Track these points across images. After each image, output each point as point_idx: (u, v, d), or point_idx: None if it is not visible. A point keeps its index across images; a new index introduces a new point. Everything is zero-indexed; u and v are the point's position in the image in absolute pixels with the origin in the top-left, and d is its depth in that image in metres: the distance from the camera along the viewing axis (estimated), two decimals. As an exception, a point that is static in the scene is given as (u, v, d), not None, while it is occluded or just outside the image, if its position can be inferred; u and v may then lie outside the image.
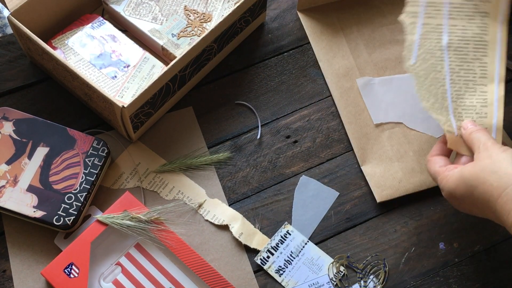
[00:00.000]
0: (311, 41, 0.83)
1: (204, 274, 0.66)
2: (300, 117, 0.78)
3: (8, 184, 0.68)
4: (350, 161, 0.76)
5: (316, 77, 0.81)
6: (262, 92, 0.80)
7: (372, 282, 0.69)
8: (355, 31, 0.84)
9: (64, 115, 0.76)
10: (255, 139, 0.77)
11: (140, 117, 0.71)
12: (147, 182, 0.73)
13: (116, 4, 0.79)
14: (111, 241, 0.68)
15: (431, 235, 0.72)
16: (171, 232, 0.68)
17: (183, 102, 0.78)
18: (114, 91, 0.74)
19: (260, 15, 0.82)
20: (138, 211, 0.68)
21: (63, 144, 0.71)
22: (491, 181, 0.57)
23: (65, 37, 0.77)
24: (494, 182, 0.57)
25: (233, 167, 0.75)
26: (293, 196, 0.73)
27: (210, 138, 0.76)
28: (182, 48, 0.77)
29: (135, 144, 0.75)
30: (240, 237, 0.70)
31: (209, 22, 0.79)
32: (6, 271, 0.67)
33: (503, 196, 0.56)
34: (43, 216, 0.66)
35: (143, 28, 0.78)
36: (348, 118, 0.77)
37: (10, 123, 0.71)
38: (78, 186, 0.68)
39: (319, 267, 0.69)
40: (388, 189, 0.73)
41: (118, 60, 0.76)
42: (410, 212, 0.73)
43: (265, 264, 0.69)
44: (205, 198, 0.72)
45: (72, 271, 0.64)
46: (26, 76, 0.78)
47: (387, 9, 0.86)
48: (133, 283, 0.66)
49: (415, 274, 0.70)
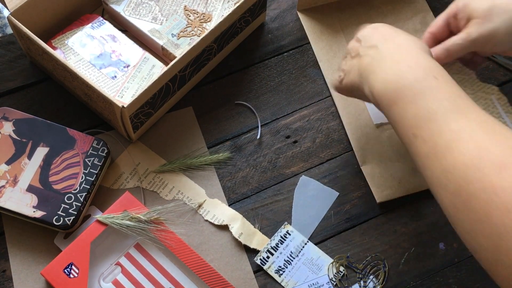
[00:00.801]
0: (311, 41, 0.83)
1: (204, 274, 0.66)
2: (300, 117, 0.78)
3: (8, 184, 0.68)
4: (350, 161, 0.76)
5: (316, 77, 0.81)
6: (262, 92, 0.80)
7: (372, 282, 0.69)
8: (355, 31, 0.83)
9: (64, 115, 0.76)
10: (255, 139, 0.77)
11: (140, 117, 0.71)
12: (147, 182, 0.73)
13: (116, 4, 0.79)
14: (111, 241, 0.68)
15: (431, 235, 0.71)
16: (171, 232, 0.68)
17: (183, 102, 0.78)
18: (114, 91, 0.74)
19: (260, 15, 0.82)
20: (138, 211, 0.68)
21: (63, 144, 0.71)
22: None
23: (65, 37, 0.77)
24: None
25: (233, 167, 0.75)
26: (293, 196, 0.73)
27: (210, 138, 0.76)
28: (182, 48, 0.77)
29: (135, 144, 0.75)
30: (240, 237, 0.70)
31: (209, 22, 0.79)
32: (6, 271, 0.67)
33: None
34: (43, 216, 0.66)
35: (143, 28, 0.78)
36: (348, 118, 0.77)
37: (10, 123, 0.71)
38: (78, 186, 0.68)
39: (319, 267, 0.69)
40: (388, 189, 0.73)
41: (118, 60, 0.76)
42: (410, 212, 0.73)
43: (265, 264, 0.69)
44: (205, 198, 0.72)
45: (72, 271, 0.64)
46: (26, 76, 0.78)
47: (387, 9, 0.86)
48: (133, 283, 0.66)
49: (415, 274, 0.70)
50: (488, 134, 0.49)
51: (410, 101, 0.54)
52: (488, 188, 0.46)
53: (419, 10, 0.85)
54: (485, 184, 0.47)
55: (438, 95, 0.53)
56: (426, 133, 0.52)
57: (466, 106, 0.52)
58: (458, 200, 0.48)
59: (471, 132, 0.50)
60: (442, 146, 0.51)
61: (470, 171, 0.48)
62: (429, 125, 0.52)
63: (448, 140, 0.51)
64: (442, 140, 0.51)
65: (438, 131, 0.52)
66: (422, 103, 0.53)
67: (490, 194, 0.46)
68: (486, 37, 0.63)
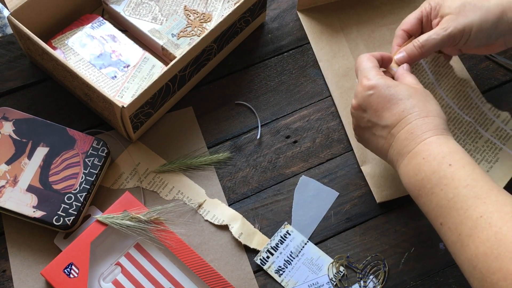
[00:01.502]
0: (311, 41, 0.83)
1: (204, 274, 0.66)
2: (300, 117, 0.78)
3: (8, 184, 0.68)
4: (350, 161, 0.76)
5: (316, 77, 0.81)
6: (262, 92, 0.80)
7: (372, 282, 0.69)
8: (355, 31, 0.84)
9: (64, 115, 0.76)
10: (255, 139, 0.77)
11: (140, 117, 0.71)
12: (147, 182, 0.73)
13: (116, 4, 0.79)
14: (111, 241, 0.68)
15: (431, 235, 0.71)
16: (170, 232, 0.68)
17: (183, 102, 0.78)
18: (114, 91, 0.74)
19: (260, 15, 0.82)
20: (138, 211, 0.68)
21: (63, 144, 0.71)
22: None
23: (65, 37, 0.77)
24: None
25: (233, 167, 0.75)
26: (293, 196, 0.73)
27: (210, 138, 0.76)
28: (182, 48, 0.77)
29: (135, 144, 0.75)
30: (240, 237, 0.70)
31: (209, 22, 0.79)
32: (6, 271, 0.67)
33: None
34: (43, 216, 0.66)
35: (143, 28, 0.78)
36: (348, 118, 0.77)
37: (10, 123, 0.71)
38: (78, 186, 0.68)
39: (319, 267, 0.69)
40: (388, 189, 0.73)
41: (118, 60, 0.76)
42: (410, 212, 0.73)
43: (264, 264, 0.69)
44: (205, 198, 0.72)
45: (72, 271, 0.64)
46: (26, 76, 0.78)
47: (387, 9, 0.86)
48: (132, 283, 0.66)
49: (415, 274, 0.70)
50: (505, 219, 0.50)
51: (431, 192, 0.56)
52: (508, 278, 0.47)
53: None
54: (505, 274, 0.48)
55: (454, 183, 0.54)
56: (451, 222, 0.54)
57: (482, 190, 0.53)
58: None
59: (490, 219, 0.51)
60: (465, 235, 0.52)
61: (491, 260, 0.49)
62: (451, 213, 0.54)
63: (470, 229, 0.52)
64: (465, 228, 0.52)
65: (459, 220, 0.53)
66: (441, 194, 0.55)
67: (510, 283, 0.47)
68: (461, 31, 0.64)
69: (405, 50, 0.67)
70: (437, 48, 0.66)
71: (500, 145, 0.73)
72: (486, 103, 0.75)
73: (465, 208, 0.53)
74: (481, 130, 0.74)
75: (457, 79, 0.76)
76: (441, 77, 0.74)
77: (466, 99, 0.75)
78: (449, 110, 0.74)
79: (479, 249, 0.50)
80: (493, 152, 0.73)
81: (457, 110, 0.74)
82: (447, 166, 0.56)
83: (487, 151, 0.73)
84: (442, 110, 0.62)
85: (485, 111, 0.75)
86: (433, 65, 0.74)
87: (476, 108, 0.75)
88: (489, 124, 0.74)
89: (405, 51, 0.67)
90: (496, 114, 0.75)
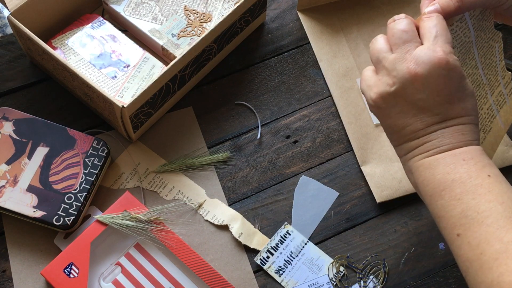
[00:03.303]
0: (311, 41, 0.83)
1: (204, 274, 0.66)
2: (300, 117, 0.78)
3: (8, 184, 0.68)
4: (350, 161, 0.76)
5: (316, 77, 0.81)
6: (262, 92, 0.80)
7: (372, 282, 0.69)
8: (355, 31, 0.84)
9: (64, 115, 0.76)
10: (255, 139, 0.77)
11: (140, 117, 0.71)
12: (147, 182, 0.73)
13: (116, 4, 0.79)
14: (111, 241, 0.68)
15: (431, 235, 0.71)
16: (171, 232, 0.68)
17: (183, 102, 0.78)
18: (114, 91, 0.74)
19: (260, 15, 0.82)
20: (138, 211, 0.68)
21: (63, 144, 0.71)
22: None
23: (65, 37, 0.77)
24: None
25: (233, 167, 0.75)
26: (293, 196, 0.73)
27: (210, 138, 0.76)
28: (182, 48, 0.77)
29: (135, 144, 0.75)
30: (240, 237, 0.70)
31: (209, 22, 0.79)
32: (6, 271, 0.67)
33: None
34: (43, 216, 0.66)
35: (143, 28, 0.78)
36: (348, 118, 0.77)
37: (10, 123, 0.71)
38: (78, 186, 0.68)
39: (319, 267, 0.69)
40: (388, 189, 0.73)
41: (118, 60, 0.76)
42: (410, 212, 0.73)
43: (265, 264, 0.69)
44: (205, 198, 0.72)
45: (72, 271, 0.64)
46: (26, 76, 0.78)
47: (387, 9, 0.86)
48: (133, 283, 0.66)
49: (415, 274, 0.70)
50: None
51: (459, 198, 0.50)
52: None
53: (419, 10, 0.85)
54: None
55: (490, 196, 0.49)
56: (472, 237, 0.48)
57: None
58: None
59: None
60: (489, 256, 0.46)
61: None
62: (477, 228, 0.48)
63: (497, 251, 0.46)
64: (490, 249, 0.47)
65: (486, 238, 0.47)
66: (472, 203, 0.49)
67: None
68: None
69: (438, 2, 0.56)
70: (479, 4, 0.57)
71: (495, 112, 0.69)
72: (502, 60, 0.69)
73: (496, 227, 0.47)
74: (489, 94, 0.69)
75: (493, 33, 0.69)
76: (481, 32, 0.65)
77: (491, 57, 0.68)
78: (475, 71, 0.67)
79: (504, 278, 0.45)
80: (489, 121, 0.69)
81: (481, 71, 0.67)
82: (486, 176, 0.50)
83: (486, 119, 0.69)
84: (471, 74, 0.54)
85: (498, 71, 0.69)
86: (477, 20, 0.63)
87: (494, 67, 0.67)
88: (495, 87, 0.68)
89: (438, 3, 0.56)
90: (503, 75, 0.70)
